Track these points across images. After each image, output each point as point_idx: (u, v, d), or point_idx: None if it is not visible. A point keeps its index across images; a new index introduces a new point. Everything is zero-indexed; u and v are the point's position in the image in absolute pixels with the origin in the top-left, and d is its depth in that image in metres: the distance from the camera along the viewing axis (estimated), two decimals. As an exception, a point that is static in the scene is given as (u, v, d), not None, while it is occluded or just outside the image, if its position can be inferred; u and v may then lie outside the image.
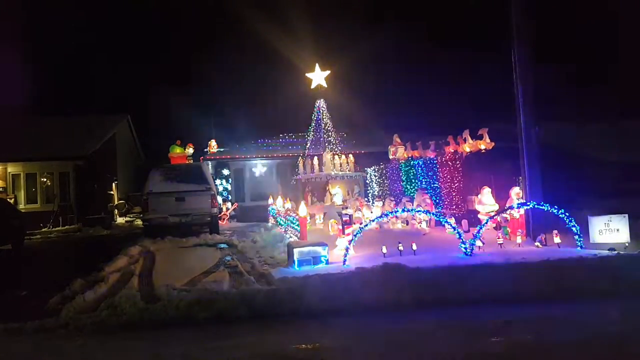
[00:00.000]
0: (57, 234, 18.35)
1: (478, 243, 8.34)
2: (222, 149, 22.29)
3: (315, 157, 16.38)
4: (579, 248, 8.29)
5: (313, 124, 17.87)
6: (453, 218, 9.98)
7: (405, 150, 15.66)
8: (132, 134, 29.67)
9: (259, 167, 21.76)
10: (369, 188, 18.48)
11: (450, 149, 13.11)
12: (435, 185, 13.18)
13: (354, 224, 9.44)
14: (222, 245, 12.10)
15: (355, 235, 8.45)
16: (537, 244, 8.76)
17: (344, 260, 7.90)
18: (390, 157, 16.12)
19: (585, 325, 5.59)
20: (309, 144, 17.82)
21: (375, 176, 18.02)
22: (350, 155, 16.73)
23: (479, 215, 10.18)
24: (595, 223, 8.51)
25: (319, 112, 17.59)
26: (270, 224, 16.31)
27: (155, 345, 5.42)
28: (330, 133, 17.61)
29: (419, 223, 11.22)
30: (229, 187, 21.55)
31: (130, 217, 24.57)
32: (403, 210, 10.20)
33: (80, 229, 19.02)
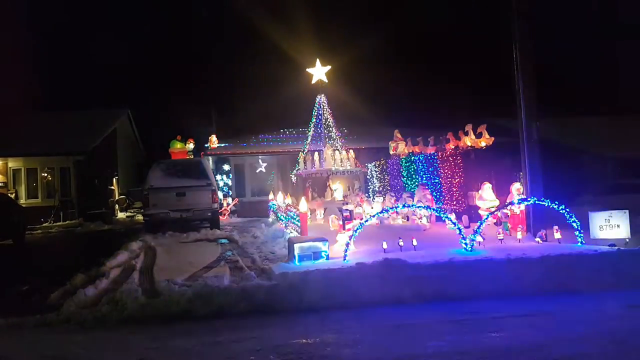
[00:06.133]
0: (58, 229, 18.37)
1: (478, 238, 8.34)
2: (222, 144, 22.27)
3: (316, 153, 16.37)
4: (579, 244, 8.28)
5: (314, 120, 17.85)
6: (454, 214, 9.99)
7: (406, 145, 15.63)
8: (133, 129, 29.66)
9: (259, 162, 21.75)
10: (369, 184, 18.47)
11: (450, 145, 13.09)
12: (436, 181, 13.17)
13: (355, 219, 9.45)
14: (223, 241, 12.11)
15: (355, 231, 8.45)
16: (537, 239, 8.77)
17: (345, 256, 7.90)
18: (391, 152, 16.10)
19: (586, 320, 5.60)
20: (309, 140, 17.81)
21: (375, 172, 18.01)
22: (351, 151, 16.72)
23: (480, 211, 10.17)
24: (596, 219, 8.51)
25: (320, 107, 17.56)
26: (270, 220, 16.33)
27: (156, 340, 5.43)
28: (330, 128, 17.59)
29: (419, 219, 11.22)
30: (230, 183, 21.55)
31: (131, 212, 24.59)
32: (404, 206, 10.20)
33: (81, 224, 19.03)
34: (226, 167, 21.69)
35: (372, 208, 11.94)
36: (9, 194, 18.78)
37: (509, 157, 11.00)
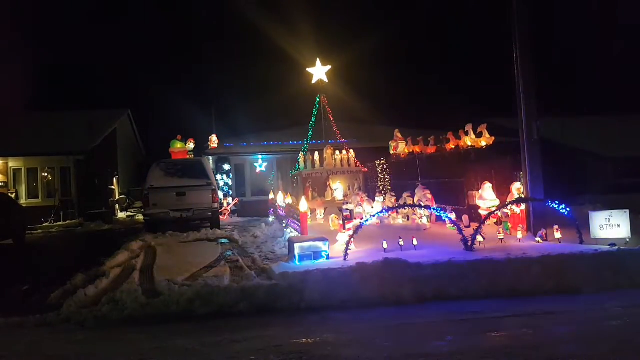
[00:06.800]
0: (58, 229, 18.38)
1: (479, 238, 8.34)
2: (223, 144, 22.28)
3: (316, 152, 16.37)
4: (579, 243, 8.28)
5: (314, 119, 17.84)
6: (454, 213, 9.99)
7: (406, 145, 15.63)
8: (133, 129, 29.67)
9: (259, 162, 21.75)
10: (369, 183, 18.46)
11: (450, 145, 13.08)
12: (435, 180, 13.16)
13: (355, 219, 9.44)
14: (223, 240, 12.12)
15: (356, 231, 8.45)
16: (537, 239, 8.76)
17: (345, 256, 7.91)
18: (391, 152, 16.09)
19: (586, 320, 5.60)
20: (309, 139, 17.80)
21: (376, 171, 18.01)
22: (351, 150, 16.72)
23: (480, 211, 10.17)
24: (596, 218, 8.51)
25: (320, 107, 17.56)
26: (271, 219, 16.33)
27: (156, 340, 5.43)
28: (331, 128, 17.59)
29: (419, 218, 11.22)
30: (230, 182, 21.55)
31: (131, 212, 24.61)
32: (404, 206, 10.19)
33: (81, 223, 19.05)
34: (226, 166, 21.69)
35: (372, 207, 11.94)
36: (10, 194, 18.78)
37: (509, 157, 10.99)
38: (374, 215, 9.28)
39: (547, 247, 8.14)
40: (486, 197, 10.20)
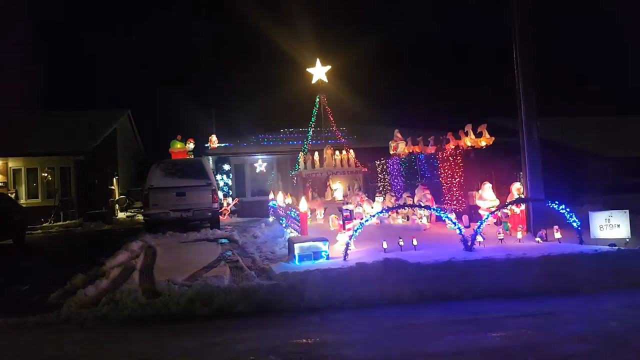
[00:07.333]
0: (58, 229, 18.37)
1: (479, 238, 8.35)
2: (222, 144, 22.28)
3: (316, 153, 16.38)
4: (579, 243, 8.29)
5: (314, 119, 17.84)
6: (454, 213, 9.99)
7: (406, 145, 15.63)
8: (133, 129, 29.66)
9: (259, 162, 21.75)
10: (369, 183, 18.46)
11: (450, 145, 13.08)
12: (436, 180, 13.16)
13: (355, 219, 9.44)
14: (223, 240, 12.11)
15: (355, 231, 8.45)
16: (537, 239, 8.77)
17: (345, 256, 7.90)
18: (391, 152, 16.10)
19: (586, 320, 5.60)
20: (309, 140, 17.81)
21: (376, 171, 18.01)
22: (351, 151, 16.72)
23: (480, 211, 10.17)
24: (596, 218, 8.51)
25: (320, 107, 17.57)
26: (271, 220, 16.32)
27: (156, 340, 5.43)
28: (330, 128, 17.60)
29: (419, 218, 11.22)
30: (230, 183, 21.55)
31: (131, 212, 24.59)
32: (404, 206, 10.19)
33: (81, 223, 19.04)
34: (226, 167, 21.69)
35: (372, 208, 11.94)
36: (9, 194, 18.77)
37: (509, 157, 11.00)
38: (373, 215, 9.28)
39: (547, 247, 8.14)
40: (486, 197, 10.20)
